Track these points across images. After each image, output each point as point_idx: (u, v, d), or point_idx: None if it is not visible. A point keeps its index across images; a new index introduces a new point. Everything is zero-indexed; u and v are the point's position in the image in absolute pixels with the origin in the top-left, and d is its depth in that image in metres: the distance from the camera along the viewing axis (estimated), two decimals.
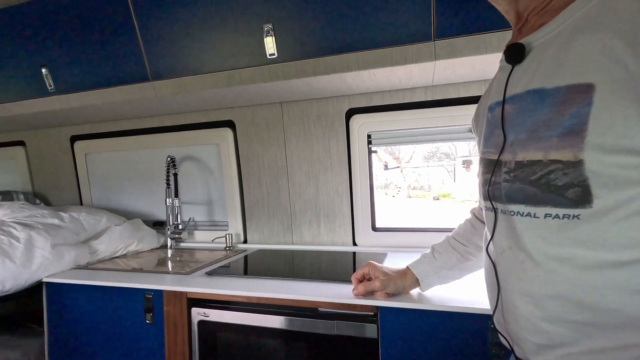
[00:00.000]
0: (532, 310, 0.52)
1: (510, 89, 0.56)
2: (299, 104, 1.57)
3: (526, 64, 0.54)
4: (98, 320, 1.25)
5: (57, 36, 1.40)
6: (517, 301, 0.54)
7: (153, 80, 1.35)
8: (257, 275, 1.20)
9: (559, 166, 0.46)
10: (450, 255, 0.90)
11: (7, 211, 1.50)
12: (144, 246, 1.68)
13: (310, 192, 1.62)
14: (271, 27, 1.16)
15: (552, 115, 0.47)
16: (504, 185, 0.55)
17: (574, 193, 0.45)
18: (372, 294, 0.96)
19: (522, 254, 0.53)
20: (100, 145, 1.93)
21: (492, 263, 0.61)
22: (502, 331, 0.62)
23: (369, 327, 0.96)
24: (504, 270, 0.58)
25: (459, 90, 1.37)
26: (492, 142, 0.60)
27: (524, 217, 0.52)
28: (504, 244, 0.57)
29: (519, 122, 0.52)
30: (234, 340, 1.10)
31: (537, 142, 0.49)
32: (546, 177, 0.48)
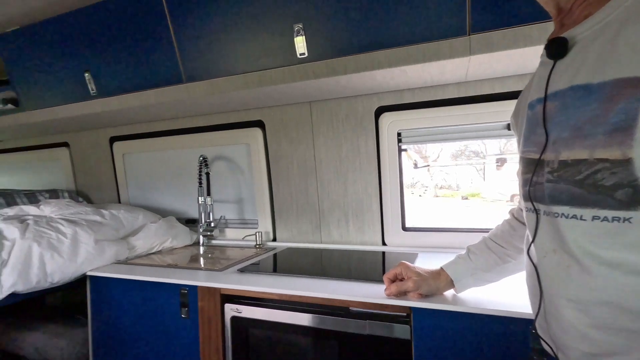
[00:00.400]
0: (579, 317, 0.50)
1: (552, 85, 0.53)
2: (327, 103, 1.57)
3: (569, 59, 0.51)
4: (137, 312, 1.31)
5: (99, 43, 1.47)
6: (562, 307, 0.52)
7: (187, 82, 1.39)
8: (288, 273, 1.21)
9: (606, 165, 0.44)
10: (487, 256, 0.87)
11: (54, 208, 1.59)
12: (177, 243, 1.74)
13: (338, 191, 1.62)
14: (301, 26, 1.16)
15: (598, 111, 0.45)
16: (546, 185, 0.53)
17: (624, 194, 0.43)
18: (404, 295, 0.94)
19: (568, 257, 0.51)
20: (136, 146, 2.02)
21: (534, 266, 0.58)
22: (545, 337, 0.59)
23: (401, 327, 0.94)
24: (547, 274, 0.55)
25: (494, 85, 1.32)
26: (533, 140, 0.58)
27: (569, 219, 0.50)
28: (548, 247, 0.55)
29: (562, 119, 0.50)
30: (266, 336, 1.12)
31: (582, 140, 0.47)
32: (592, 177, 0.45)
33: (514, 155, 1.75)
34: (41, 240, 1.28)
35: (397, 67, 1.10)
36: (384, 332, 0.96)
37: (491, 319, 0.86)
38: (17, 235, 1.26)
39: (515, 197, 3.23)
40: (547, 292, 0.56)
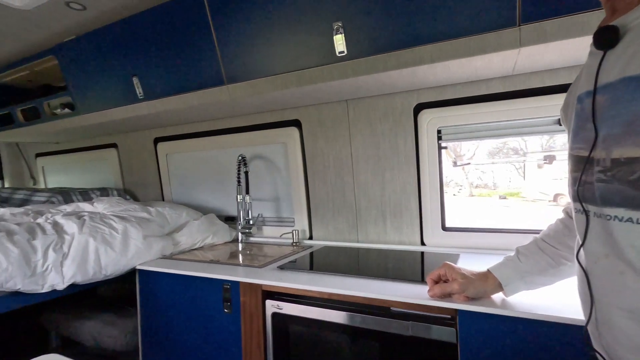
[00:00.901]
0: (634, 327, 0.47)
1: (602, 78, 0.50)
2: (365, 101, 1.56)
3: (621, 49, 0.48)
4: (182, 305, 1.37)
5: (146, 49, 1.55)
6: (615, 316, 0.49)
7: (228, 84, 1.43)
8: (326, 271, 1.22)
9: None
10: (539, 258, 0.82)
11: (106, 205, 1.70)
12: (218, 239, 1.80)
13: (375, 190, 1.60)
14: (341, 24, 1.16)
15: None
16: (598, 185, 0.50)
17: None
18: (449, 297, 0.92)
19: (622, 264, 0.47)
20: (179, 146, 2.11)
21: (584, 272, 0.55)
22: (597, 346, 0.56)
23: (447, 330, 0.92)
24: (599, 280, 0.52)
25: (543, 78, 1.25)
26: (582, 137, 0.54)
27: (623, 222, 0.46)
28: (599, 252, 0.51)
29: (613, 114, 0.47)
30: (306, 333, 1.13)
31: (636, 137, 0.44)
32: None
33: (558, 152, 1.64)
34: (96, 235, 1.37)
35: (441, 63, 1.07)
36: (428, 335, 0.94)
37: (543, 324, 0.82)
38: (75, 230, 1.35)
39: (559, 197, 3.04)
40: (599, 299, 0.53)
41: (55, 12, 1.52)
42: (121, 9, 1.52)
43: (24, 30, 1.68)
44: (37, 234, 1.28)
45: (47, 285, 1.25)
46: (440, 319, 0.94)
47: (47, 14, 1.54)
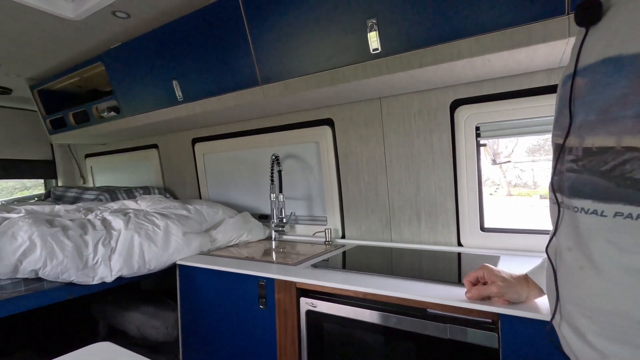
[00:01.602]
0: (588, 325, 0.44)
1: (583, 59, 0.46)
2: (398, 98, 1.53)
3: (603, 26, 0.43)
4: (220, 300, 1.41)
5: (185, 52, 1.61)
6: (572, 311, 0.47)
7: (262, 85, 1.46)
8: (360, 270, 1.21)
9: (635, 155, 0.37)
10: None
11: (148, 203, 1.79)
12: (252, 237, 1.84)
13: (410, 189, 1.57)
14: (375, 21, 1.14)
15: (628, 90, 0.38)
16: (568, 175, 0.47)
17: None
18: (487, 300, 0.88)
19: (584, 258, 0.45)
20: (215, 146, 2.18)
21: (552, 266, 0.52)
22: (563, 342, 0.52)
23: (487, 335, 0.88)
24: (562, 275, 0.49)
25: None
26: (560, 123, 0.51)
27: (589, 215, 0.44)
28: (564, 245, 0.49)
29: (590, 99, 0.43)
30: (341, 332, 1.13)
31: (609, 125, 0.40)
32: (620, 168, 0.39)
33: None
34: (140, 231, 1.45)
35: (480, 57, 1.03)
36: (468, 339, 0.91)
37: None
38: (122, 226, 1.44)
39: None
40: (562, 295, 0.50)
41: (103, 21, 1.62)
42: (162, 16, 1.59)
43: (75, 39, 1.80)
44: (88, 229, 1.37)
45: (97, 277, 1.33)
46: (480, 323, 0.90)
47: (95, 24, 1.64)
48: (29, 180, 3.47)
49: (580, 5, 0.45)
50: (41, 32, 1.70)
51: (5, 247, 1.15)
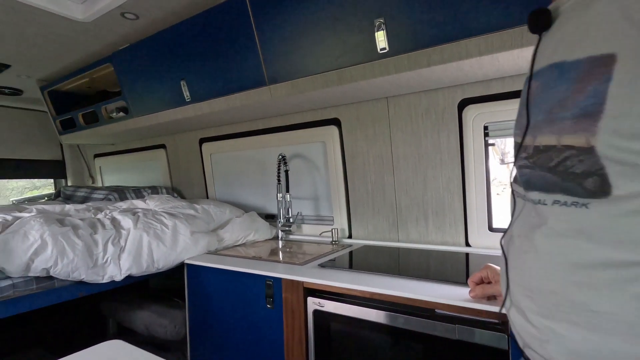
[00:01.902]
0: (529, 304, 0.48)
1: (537, 63, 0.49)
2: (405, 98, 1.53)
3: (552, 33, 0.47)
4: (227, 299, 1.42)
5: (193, 53, 1.62)
6: (517, 293, 0.51)
7: (269, 85, 1.46)
8: (367, 270, 1.21)
9: (573, 152, 0.41)
10: None
11: (157, 202, 1.81)
12: (259, 237, 1.85)
13: (417, 188, 1.57)
14: (382, 21, 1.14)
15: (568, 93, 0.42)
16: (524, 172, 0.51)
17: (593, 182, 0.40)
18: (493, 299, 0.88)
19: (528, 243, 0.49)
20: (222, 146, 2.19)
21: (504, 255, 0.56)
22: (511, 325, 0.56)
23: (497, 336, 0.88)
24: (511, 261, 0.54)
25: None
26: (519, 122, 0.55)
27: (537, 204, 0.48)
28: (516, 233, 0.53)
29: (540, 101, 0.47)
30: (348, 332, 1.13)
31: (551, 125, 0.44)
32: (563, 164, 0.43)
33: None
34: (149, 231, 1.46)
35: (489, 56, 1.02)
36: (477, 340, 0.90)
37: None
38: (131, 225, 1.45)
39: None
40: (512, 280, 0.53)
41: (112, 23, 1.64)
42: (170, 17, 1.61)
43: (84, 41, 1.82)
44: (98, 228, 1.39)
45: (107, 276, 1.35)
46: (490, 324, 0.90)
47: (104, 25, 1.66)
48: (39, 180, 3.53)
49: (531, 14, 0.49)
50: (51, 33, 1.72)
51: (17, 246, 1.17)
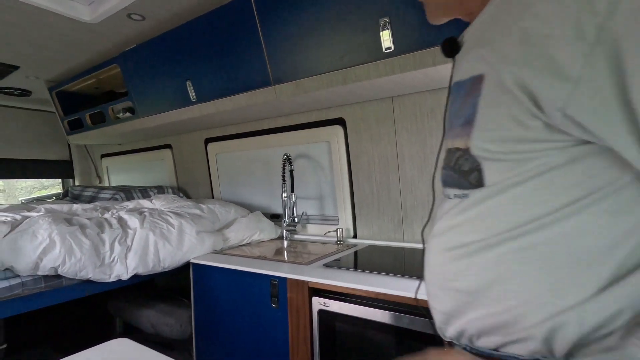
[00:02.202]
0: (427, 277, 0.58)
1: (452, 80, 0.58)
2: (411, 97, 1.52)
3: (460, 56, 0.56)
4: (233, 298, 1.43)
5: (198, 53, 1.63)
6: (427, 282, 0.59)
7: (274, 85, 1.47)
8: (372, 270, 1.21)
9: (461, 153, 0.50)
10: None
11: (163, 202, 1.82)
12: (264, 236, 1.85)
13: (422, 188, 1.56)
14: (388, 20, 1.14)
15: (459, 106, 0.51)
16: (442, 172, 0.58)
17: (474, 177, 0.48)
18: None
19: (431, 233, 0.57)
20: (227, 146, 2.20)
21: (423, 243, 0.63)
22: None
23: None
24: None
25: None
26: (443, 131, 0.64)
27: (446, 199, 0.56)
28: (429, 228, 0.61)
29: (450, 112, 0.56)
30: (353, 332, 1.13)
31: (451, 131, 0.53)
32: (457, 163, 0.51)
33: None
34: (155, 230, 1.47)
35: None
36: None
37: None
38: (137, 225, 1.46)
39: None
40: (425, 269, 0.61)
41: (118, 24, 1.65)
42: (176, 18, 1.62)
43: (91, 42, 1.84)
44: (105, 228, 1.40)
45: (114, 275, 1.36)
46: None
47: (111, 26, 1.67)
48: (47, 179, 3.57)
49: (443, 42, 0.59)
50: (59, 35, 1.74)
51: (26, 245, 1.18)
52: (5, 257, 1.14)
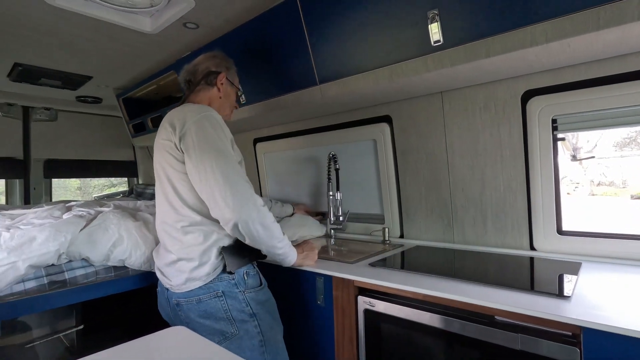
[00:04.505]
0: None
1: None
2: (462, 92, 1.45)
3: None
4: (280, 293, 1.45)
5: (247, 56, 1.69)
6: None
7: (320, 84, 1.48)
8: (419, 271, 1.17)
9: None
10: None
11: None
12: (309, 234, 1.87)
13: (474, 187, 1.48)
14: (436, 12, 1.09)
15: None
16: None
17: None
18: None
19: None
20: (274, 146, 2.26)
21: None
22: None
23: (567, 349, 0.80)
24: None
25: None
26: None
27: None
28: None
29: None
30: (400, 334, 1.11)
31: None
32: None
33: None
34: None
35: (558, 42, 0.93)
36: (543, 352, 0.83)
37: None
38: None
39: None
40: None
41: (175, 33, 1.77)
42: (226, 24, 1.69)
43: (151, 51, 1.99)
44: None
45: None
46: (558, 335, 0.82)
47: (169, 36, 1.80)
48: (115, 178, 3.94)
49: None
50: (125, 46, 1.90)
51: (100, 238, 1.31)
52: (82, 248, 1.28)
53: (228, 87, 1.33)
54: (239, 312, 1.11)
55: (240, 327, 1.11)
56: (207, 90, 1.28)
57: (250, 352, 1.11)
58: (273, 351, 1.16)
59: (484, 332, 0.93)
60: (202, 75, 1.28)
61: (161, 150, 1.17)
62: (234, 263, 1.12)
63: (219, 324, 1.10)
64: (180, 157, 1.12)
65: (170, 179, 1.14)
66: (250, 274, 1.17)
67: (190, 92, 1.28)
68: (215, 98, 1.29)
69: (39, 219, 1.31)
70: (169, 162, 1.14)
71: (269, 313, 1.19)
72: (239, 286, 1.13)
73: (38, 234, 1.18)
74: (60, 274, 1.27)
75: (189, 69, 1.31)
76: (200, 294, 1.10)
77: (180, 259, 1.11)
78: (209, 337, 1.05)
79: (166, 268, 1.16)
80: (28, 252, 1.13)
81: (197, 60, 1.32)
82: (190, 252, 1.10)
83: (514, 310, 0.86)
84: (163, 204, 1.17)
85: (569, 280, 1.03)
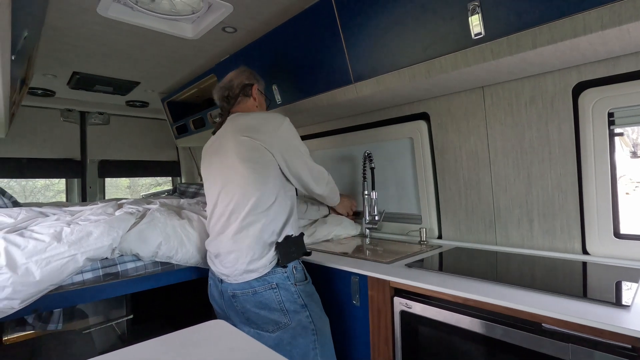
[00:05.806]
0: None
1: None
2: (505, 86, 1.38)
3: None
4: (318, 291, 1.47)
5: (283, 57, 1.72)
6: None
7: (355, 83, 1.47)
8: (459, 273, 1.13)
9: None
10: None
11: None
12: (345, 233, 1.87)
13: (519, 187, 1.40)
14: (477, 3, 1.05)
15: None
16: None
17: None
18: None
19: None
20: (309, 145, 2.27)
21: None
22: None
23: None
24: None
25: None
26: None
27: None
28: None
29: None
30: (438, 337, 1.08)
31: None
32: None
33: None
34: None
35: (616, 28, 0.85)
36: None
37: None
38: None
39: None
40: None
41: (214, 38, 1.84)
42: (263, 26, 1.73)
43: (193, 56, 2.09)
44: None
45: None
46: (614, 347, 0.76)
47: (208, 40, 1.87)
48: (161, 177, 4.18)
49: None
50: (169, 52, 2.01)
51: (149, 236, 1.39)
52: (133, 245, 1.37)
53: (260, 96, 1.47)
54: (291, 303, 1.20)
55: (293, 317, 1.19)
56: (246, 101, 1.42)
57: (304, 340, 1.19)
58: (322, 341, 1.23)
59: (530, 340, 0.88)
60: (239, 89, 1.40)
61: (228, 151, 1.28)
62: (286, 257, 1.21)
63: (273, 315, 1.19)
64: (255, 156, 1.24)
65: (238, 175, 1.23)
66: (298, 268, 1.25)
67: (230, 105, 1.41)
68: (253, 107, 1.44)
69: (95, 215, 1.41)
70: (243, 158, 1.23)
71: (317, 305, 1.27)
72: (290, 279, 1.21)
73: (94, 229, 1.27)
74: (113, 267, 1.36)
75: (224, 85, 1.43)
76: (255, 286, 1.19)
77: (238, 251, 1.19)
78: (264, 326, 1.19)
79: (222, 259, 1.24)
80: (86, 246, 1.23)
81: (229, 76, 1.44)
82: (249, 244, 1.18)
83: (565, 319, 0.80)
84: (224, 199, 1.26)
85: (628, 287, 0.94)
